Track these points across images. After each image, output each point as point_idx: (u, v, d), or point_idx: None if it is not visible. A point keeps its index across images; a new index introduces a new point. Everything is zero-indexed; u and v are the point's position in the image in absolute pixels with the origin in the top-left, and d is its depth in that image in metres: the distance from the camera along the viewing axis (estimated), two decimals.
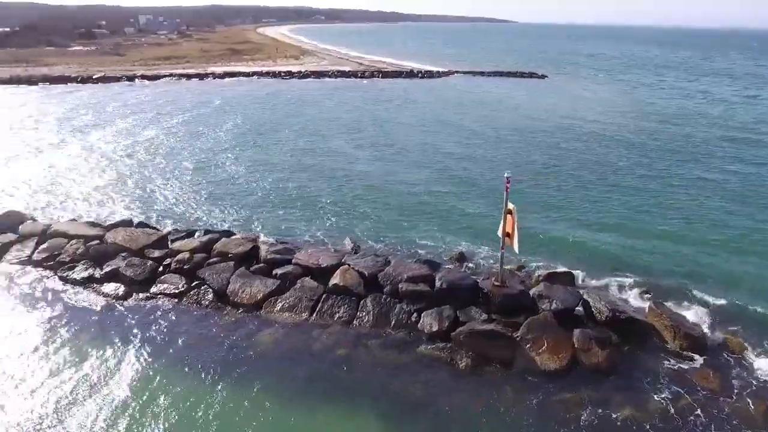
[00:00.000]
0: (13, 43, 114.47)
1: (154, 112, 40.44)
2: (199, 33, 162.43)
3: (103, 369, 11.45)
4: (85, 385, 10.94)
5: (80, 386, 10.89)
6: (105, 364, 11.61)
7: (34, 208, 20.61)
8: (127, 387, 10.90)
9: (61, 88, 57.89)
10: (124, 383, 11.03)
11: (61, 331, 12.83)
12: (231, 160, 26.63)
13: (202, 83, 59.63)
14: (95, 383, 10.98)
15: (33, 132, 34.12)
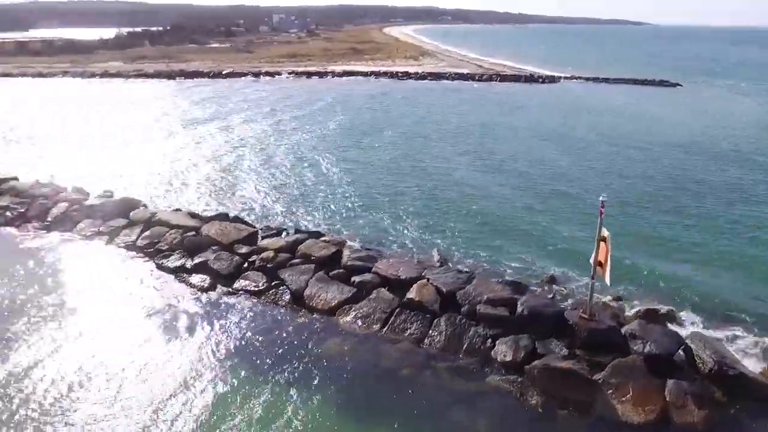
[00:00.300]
0: (162, 41, 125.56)
1: (269, 108, 42.26)
2: (326, 32, 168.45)
3: (175, 357, 11.83)
4: (154, 370, 11.35)
5: (150, 371, 11.30)
6: (177, 352, 12.03)
7: (150, 195, 22.12)
8: (191, 376, 11.17)
9: (193, 82, 62.41)
10: (191, 372, 11.34)
11: (146, 314, 13.52)
12: (331, 160, 27.00)
13: (321, 81, 61.57)
14: (164, 370, 11.35)
15: (157, 122, 36.98)
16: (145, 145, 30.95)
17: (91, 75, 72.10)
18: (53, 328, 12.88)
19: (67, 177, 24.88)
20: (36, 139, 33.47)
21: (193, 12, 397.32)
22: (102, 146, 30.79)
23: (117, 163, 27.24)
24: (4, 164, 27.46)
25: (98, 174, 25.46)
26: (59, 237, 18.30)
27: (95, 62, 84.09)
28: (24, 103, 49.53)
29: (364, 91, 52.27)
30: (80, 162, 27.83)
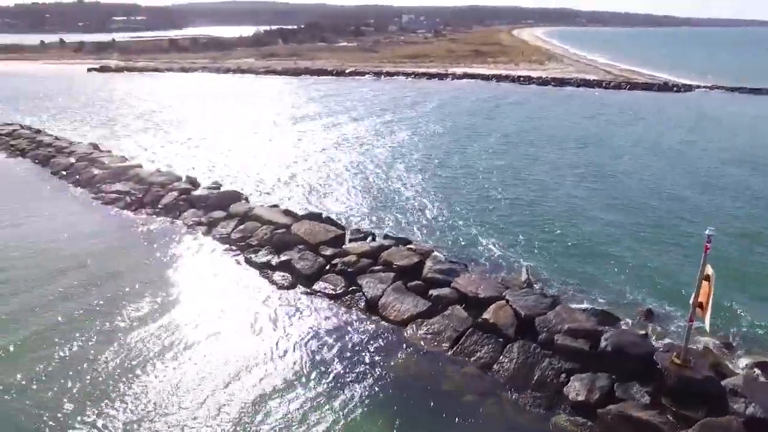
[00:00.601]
0: (295, 39, 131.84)
1: (382, 108, 42.68)
2: (454, 33, 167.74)
3: (243, 351, 12.14)
4: (222, 361, 11.71)
5: (218, 362, 11.67)
6: (246, 346, 12.35)
7: (254, 190, 23.14)
8: (253, 370, 11.40)
9: (316, 80, 64.83)
10: (254, 365, 11.60)
11: (224, 306, 14.01)
12: (432, 164, 26.61)
13: (439, 83, 61.29)
14: (232, 361, 11.67)
15: (273, 117, 38.67)
16: (257, 139, 32.58)
17: (225, 70, 77.41)
18: (132, 306, 13.80)
19: (184, 166, 26.82)
20: (164, 128, 36.44)
21: (327, 11, 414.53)
22: (218, 138, 32.84)
23: (229, 155, 28.87)
24: (134, 152, 30.16)
25: (211, 165, 27.18)
26: (166, 224, 19.66)
27: (231, 59, 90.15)
28: (161, 95, 54.19)
29: (481, 94, 51.22)
30: (198, 153, 29.87)
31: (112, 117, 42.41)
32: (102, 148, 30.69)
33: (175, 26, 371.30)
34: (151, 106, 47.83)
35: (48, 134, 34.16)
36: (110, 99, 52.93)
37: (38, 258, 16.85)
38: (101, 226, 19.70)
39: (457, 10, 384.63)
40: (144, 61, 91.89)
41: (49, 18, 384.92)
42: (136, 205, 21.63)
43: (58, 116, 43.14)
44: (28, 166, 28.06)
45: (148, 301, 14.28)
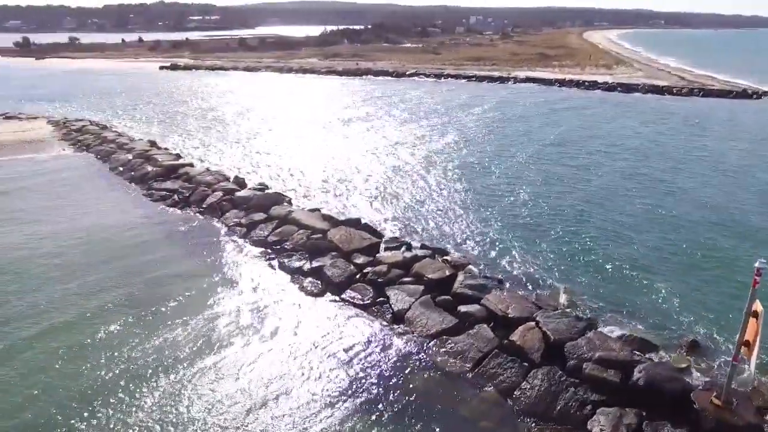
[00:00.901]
0: (359, 40, 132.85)
1: (437, 111, 42.05)
2: (521, 35, 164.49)
3: (265, 355, 12.10)
4: (244, 364, 11.69)
5: (240, 366, 11.66)
6: (269, 351, 12.33)
7: (299, 192, 23.25)
8: (273, 376, 11.29)
9: (376, 81, 64.93)
10: (274, 371, 11.54)
11: (251, 310, 14.05)
12: (478, 172, 25.91)
13: (500, 87, 60.05)
14: (255, 365, 11.64)
15: (328, 118, 38.83)
16: (307, 139, 32.80)
17: (288, 70, 78.82)
18: (159, 302, 14.04)
19: (234, 166, 27.34)
20: (219, 126, 37.31)
21: (397, 11, 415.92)
22: (270, 138, 33.30)
23: (279, 156, 29.19)
24: (189, 149, 31.01)
25: (260, 165, 27.56)
26: (207, 223, 20.02)
27: (296, 58, 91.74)
28: (222, 94, 55.66)
29: (541, 99, 49.69)
30: (249, 152, 30.38)
31: (174, 114, 43.93)
32: (159, 144, 31.77)
33: (247, 25, 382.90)
34: (211, 104, 49.25)
35: (113, 131, 35.71)
36: (174, 97, 54.88)
37: (85, 247, 17.82)
38: (146, 222, 20.27)
39: (526, 11, 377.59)
40: (212, 60, 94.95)
41: (132, 18, 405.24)
42: (182, 204, 22.16)
43: (125, 113, 45.09)
44: (90, 161, 29.34)
45: (175, 298, 14.56)
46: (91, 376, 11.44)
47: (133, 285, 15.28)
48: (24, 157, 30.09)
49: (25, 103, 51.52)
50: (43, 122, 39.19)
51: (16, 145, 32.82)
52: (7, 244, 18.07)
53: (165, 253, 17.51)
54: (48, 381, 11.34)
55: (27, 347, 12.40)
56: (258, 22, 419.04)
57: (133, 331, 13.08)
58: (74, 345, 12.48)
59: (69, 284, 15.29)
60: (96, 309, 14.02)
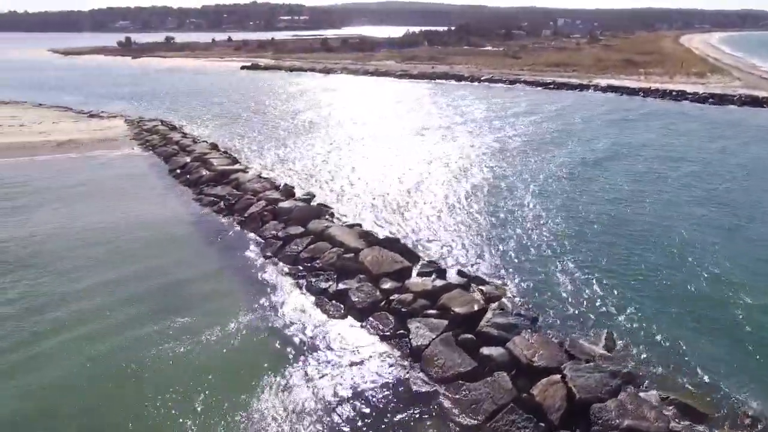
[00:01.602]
0: (440, 42, 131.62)
1: (503, 121, 40.32)
2: (610, 39, 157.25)
3: (268, 377, 11.58)
4: (258, 390, 11.22)
5: (255, 391, 11.19)
6: (274, 373, 11.77)
7: (344, 205, 22.69)
8: (270, 404, 10.72)
9: (449, 85, 63.75)
10: (272, 398, 10.96)
11: (268, 328, 13.70)
12: (536, 193, 24.31)
13: (578, 95, 57.14)
14: (266, 393, 11.14)
15: (389, 124, 38.09)
16: (364, 147, 32.17)
17: (364, 72, 78.94)
18: (180, 310, 13.83)
19: (286, 172, 27.27)
20: (281, 129, 37.50)
21: (483, 13, 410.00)
22: (328, 144, 32.98)
23: (332, 163, 28.80)
24: (247, 153, 31.27)
25: (312, 173, 27.27)
26: (244, 233, 19.85)
27: (373, 60, 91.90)
28: (293, 96, 56.29)
29: (620, 111, 46.45)
30: (303, 158, 30.20)
31: (241, 115, 44.80)
32: (220, 147, 32.29)
33: (335, 25, 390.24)
34: (279, 105, 49.90)
35: (180, 131, 36.76)
36: (246, 97, 56.11)
37: (114, 245, 18.77)
38: (184, 227, 20.56)
39: (620, 13, 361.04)
40: (291, 60, 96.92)
41: (226, 17, 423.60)
42: (226, 211, 22.19)
43: (197, 112, 46.48)
44: (152, 162, 30.22)
45: (191, 307, 14.56)
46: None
47: (151, 287, 15.67)
48: (93, 154, 31.52)
49: (110, 101, 54.40)
50: (120, 121, 41.01)
51: (91, 143, 34.43)
52: (42, 231, 19.26)
53: (193, 261, 17.59)
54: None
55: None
56: (345, 22, 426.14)
57: (143, 335, 13.02)
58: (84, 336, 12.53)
59: (86, 278, 15.97)
60: (112, 309, 14.15)
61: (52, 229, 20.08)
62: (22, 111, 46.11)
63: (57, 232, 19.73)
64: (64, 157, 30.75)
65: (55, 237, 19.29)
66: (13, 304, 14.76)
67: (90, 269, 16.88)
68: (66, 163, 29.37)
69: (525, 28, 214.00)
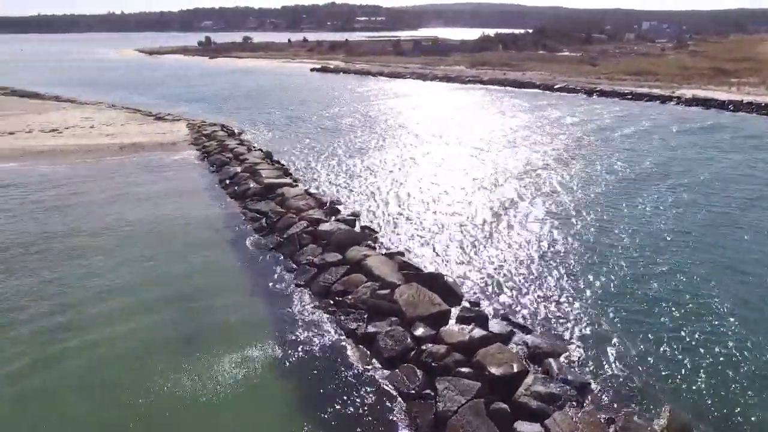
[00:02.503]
0: (515, 46, 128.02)
1: (573, 137, 37.72)
2: (699, 43, 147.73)
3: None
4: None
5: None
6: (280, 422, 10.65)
7: (392, 229, 21.34)
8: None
9: (519, 94, 61.03)
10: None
11: (281, 374, 12.54)
12: (601, 227, 22.04)
13: (660, 108, 53.20)
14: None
15: (452, 135, 36.37)
16: (420, 162, 30.62)
17: (432, 77, 77.37)
18: (192, 329, 12.87)
19: (339, 185, 26.33)
20: (339, 139, 36.56)
21: (562, 14, 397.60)
22: (384, 158, 31.68)
23: (387, 179, 27.49)
24: (301, 163, 30.52)
25: (366, 188, 26.15)
26: (280, 259, 18.85)
27: (444, 65, 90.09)
28: (357, 101, 55.46)
29: (708, 128, 42.38)
30: (360, 170, 29.10)
31: (301, 120, 44.39)
32: (275, 156, 31.74)
33: (411, 27, 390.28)
34: (342, 111, 49.20)
35: (237, 138, 36.60)
36: (312, 101, 55.87)
37: (148, 252, 18.74)
38: (218, 245, 19.78)
39: (712, 14, 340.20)
40: (361, 63, 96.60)
41: (305, 18, 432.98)
42: (267, 230, 21.34)
43: (259, 117, 46.53)
44: (204, 169, 30.02)
45: (215, 339, 13.66)
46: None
47: (173, 312, 15.04)
48: (150, 158, 31.80)
49: (178, 102, 55.65)
50: (182, 125, 41.48)
51: (151, 146, 34.85)
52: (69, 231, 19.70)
53: (222, 286, 16.75)
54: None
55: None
56: (422, 24, 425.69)
57: (155, 366, 12.17)
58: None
59: (107, 280, 15.87)
60: (125, 336, 13.51)
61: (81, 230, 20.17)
62: (96, 112, 47.70)
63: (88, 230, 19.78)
64: (122, 161, 31.13)
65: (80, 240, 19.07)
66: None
67: (111, 282, 16.47)
68: (121, 168, 29.64)
69: (607, 32, 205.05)
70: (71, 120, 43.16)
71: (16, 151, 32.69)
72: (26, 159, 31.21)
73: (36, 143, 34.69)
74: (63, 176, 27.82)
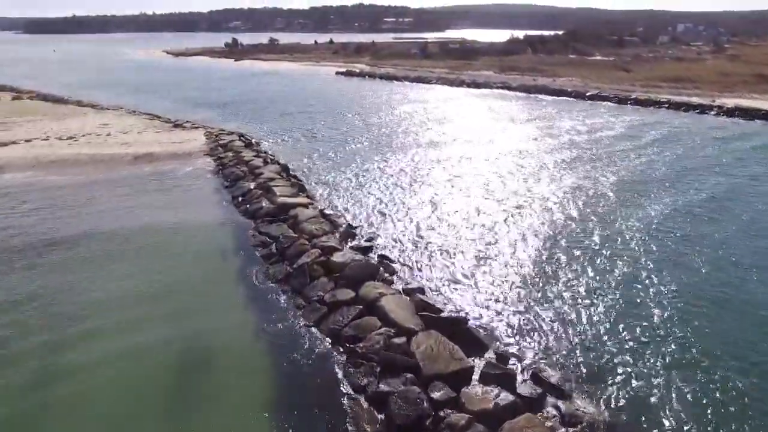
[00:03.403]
0: (544, 49, 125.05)
1: (600, 157, 35.47)
2: (737, 46, 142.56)
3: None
4: None
5: None
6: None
7: (413, 261, 19.60)
8: None
9: (549, 102, 58.76)
10: None
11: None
12: (649, 264, 20.02)
13: (699, 119, 50.37)
14: None
15: (479, 150, 34.43)
16: (443, 181, 28.69)
17: (460, 83, 75.28)
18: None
19: (356, 203, 24.80)
20: (361, 150, 34.92)
21: (593, 16, 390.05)
22: (404, 172, 29.89)
23: (404, 199, 25.76)
24: (318, 179, 28.92)
25: (380, 208, 24.48)
26: (287, 294, 17.23)
27: (471, 69, 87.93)
28: (380, 108, 53.77)
29: (758, 147, 39.69)
30: (375, 185, 27.40)
31: (320, 129, 42.89)
32: (291, 169, 30.30)
33: (439, 28, 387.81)
34: (365, 120, 47.58)
35: (255, 148, 35.26)
36: (333, 108, 54.33)
37: (147, 281, 16.55)
38: (226, 279, 18.22)
39: (749, 15, 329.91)
40: (386, 68, 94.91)
41: (332, 19, 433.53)
42: (275, 258, 19.79)
43: (280, 125, 45.19)
44: (218, 183, 28.66)
45: (212, 391, 11.99)
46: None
47: (169, 359, 13.63)
48: (163, 169, 30.66)
49: (199, 108, 54.73)
50: (200, 133, 40.34)
51: (166, 156, 33.70)
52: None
53: (224, 325, 15.28)
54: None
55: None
56: (449, 25, 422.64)
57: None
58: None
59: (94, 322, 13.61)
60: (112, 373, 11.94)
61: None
62: (115, 118, 46.93)
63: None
64: (134, 172, 30.02)
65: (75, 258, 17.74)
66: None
67: (98, 318, 15.03)
68: (131, 180, 28.51)
69: (639, 35, 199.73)
70: (89, 127, 42.38)
71: (29, 160, 31.82)
72: (38, 169, 30.28)
73: (50, 152, 33.82)
74: (69, 189, 26.76)
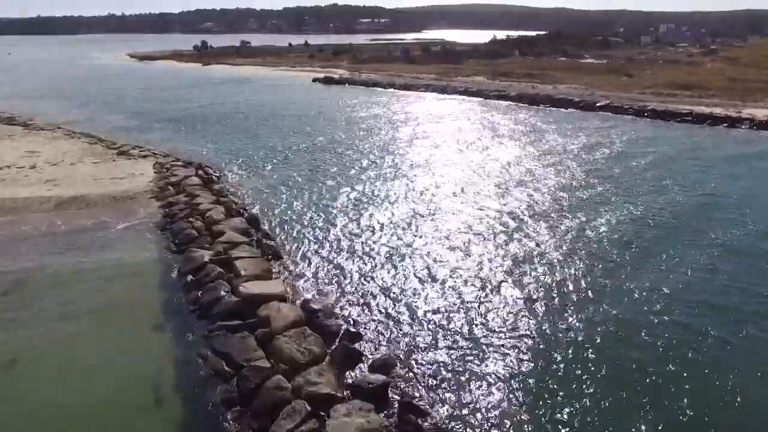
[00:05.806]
0: (532, 52, 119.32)
1: (633, 189, 28.71)
2: (725, 47, 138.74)
3: None
4: None
5: None
6: None
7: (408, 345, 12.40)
8: None
9: (554, 114, 52.06)
10: None
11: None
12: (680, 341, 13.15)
13: (727, 133, 44.12)
14: None
15: (469, 187, 27.28)
16: (453, 235, 21.58)
17: (452, 90, 68.42)
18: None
19: (347, 295, 17.08)
20: (339, 185, 27.55)
21: (569, 16, 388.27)
22: (414, 228, 22.61)
23: (430, 284, 18.40)
24: (290, 236, 21.34)
25: (393, 308, 16.91)
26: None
27: (461, 75, 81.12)
28: (359, 128, 46.39)
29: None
30: (369, 251, 19.89)
31: (298, 153, 35.43)
32: (263, 222, 22.96)
33: (414, 29, 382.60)
34: (351, 143, 40.19)
35: (216, 188, 27.72)
36: (313, 126, 46.82)
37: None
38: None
39: (720, 16, 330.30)
40: (368, 73, 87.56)
41: (307, 19, 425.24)
42: (237, 406, 12.42)
43: (247, 148, 37.53)
44: (162, 249, 21.06)
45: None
46: None
47: None
48: (90, 225, 23.02)
49: (154, 126, 46.88)
50: (149, 164, 32.58)
51: (99, 202, 26.04)
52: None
53: None
54: None
55: None
56: (426, 25, 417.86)
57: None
58: None
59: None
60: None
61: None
62: (47, 143, 38.76)
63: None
64: (50, 231, 22.34)
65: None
66: None
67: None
68: (43, 247, 20.83)
69: (621, 35, 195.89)
70: (10, 156, 34.29)
71: None
72: None
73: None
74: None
